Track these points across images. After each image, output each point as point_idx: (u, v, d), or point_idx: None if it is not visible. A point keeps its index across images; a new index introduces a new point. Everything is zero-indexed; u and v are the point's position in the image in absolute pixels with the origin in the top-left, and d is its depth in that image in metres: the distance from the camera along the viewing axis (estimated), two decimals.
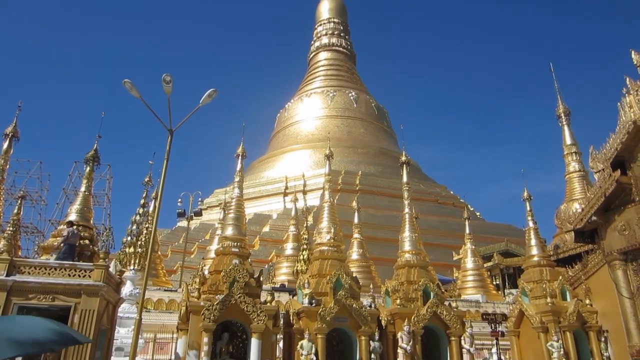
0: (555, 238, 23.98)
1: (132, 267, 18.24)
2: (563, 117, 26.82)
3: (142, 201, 21.91)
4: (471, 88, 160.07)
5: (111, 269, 11.69)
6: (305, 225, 26.27)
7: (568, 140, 26.14)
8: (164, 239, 43.47)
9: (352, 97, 62.61)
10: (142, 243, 19.04)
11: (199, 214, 28.35)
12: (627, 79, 17.19)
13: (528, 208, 18.05)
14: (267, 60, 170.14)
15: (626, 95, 15.62)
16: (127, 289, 16.37)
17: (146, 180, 22.43)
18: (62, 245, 11.13)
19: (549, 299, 15.48)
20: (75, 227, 11.48)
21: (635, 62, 17.75)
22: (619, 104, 15.52)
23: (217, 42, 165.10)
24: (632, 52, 17.90)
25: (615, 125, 15.80)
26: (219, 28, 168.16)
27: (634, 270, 14.98)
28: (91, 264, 10.70)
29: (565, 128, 26.57)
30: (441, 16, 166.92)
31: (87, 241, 11.78)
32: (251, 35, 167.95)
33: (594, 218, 16.01)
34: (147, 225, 20.21)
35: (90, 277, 10.33)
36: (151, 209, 21.94)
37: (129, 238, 19.69)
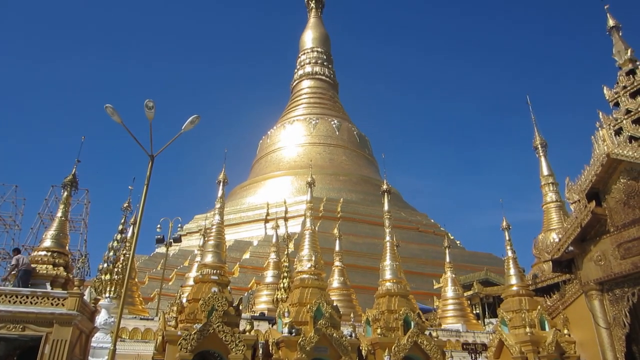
0: (534, 267, 24.20)
1: (107, 295, 17.79)
2: (540, 148, 27.45)
3: (120, 227, 21.52)
4: (451, 118, 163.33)
5: (86, 297, 11.40)
6: (286, 252, 26.07)
7: (545, 171, 26.70)
8: (142, 265, 42.57)
9: (334, 125, 63.23)
10: (119, 270, 18.62)
11: (178, 240, 27.91)
12: (600, 114, 17.83)
13: (507, 237, 18.26)
14: (250, 87, 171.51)
15: (599, 129, 16.13)
16: (101, 318, 15.91)
17: (125, 205, 22.09)
18: (12, 274, 10.75)
19: (528, 329, 15.53)
20: (21, 254, 11.16)
21: (607, 97, 18.45)
22: (592, 137, 15.99)
23: (200, 69, 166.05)
24: (604, 87, 18.62)
25: (590, 157, 16.27)
26: (201, 55, 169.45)
27: (610, 301, 15.18)
28: (65, 291, 10.43)
29: (542, 159, 27.17)
30: (422, 49, 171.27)
31: (61, 268, 11.49)
32: (234, 63, 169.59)
33: (570, 248, 16.26)
34: (124, 252, 19.81)
35: (63, 305, 10.05)
36: (129, 234, 21.55)
37: (105, 265, 19.24)
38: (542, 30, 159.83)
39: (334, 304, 14.60)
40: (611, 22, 20.13)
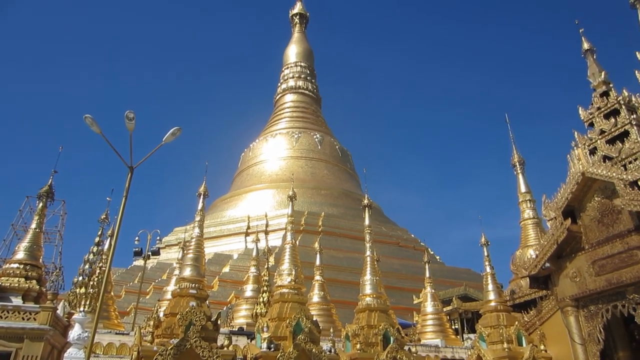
0: (512, 283, 24.47)
1: (82, 309, 17.36)
2: (518, 165, 27.97)
3: (96, 239, 21.10)
4: (431, 135, 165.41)
5: (59, 311, 11.12)
6: (266, 266, 25.88)
7: (522, 188, 27.17)
8: (118, 278, 41.77)
9: (316, 139, 63.47)
10: (95, 283, 18.23)
11: (156, 253, 27.49)
12: (576, 133, 18.32)
13: (485, 253, 18.47)
14: (232, 99, 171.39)
15: (575, 148, 16.53)
16: (75, 333, 15.51)
17: (102, 217, 21.69)
18: None
19: (505, 345, 15.65)
20: None
21: (582, 118, 18.97)
22: (568, 156, 16.37)
23: (182, 81, 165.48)
24: (580, 108, 19.15)
25: (566, 175, 16.63)
26: (184, 67, 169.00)
27: (585, 317, 15.41)
28: (37, 305, 10.16)
29: (520, 176, 27.67)
30: (404, 67, 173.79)
31: (34, 281, 11.21)
32: (216, 75, 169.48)
33: (547, 265, 16.50)
34: (100, 265, 19.42)
35: (35, 320, 9.79)
36: (106, 247, 21.15)
37: (80, 278, 18.81)
38: (521, 50, 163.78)
39: (314, 319, 14.51)
40: (586, 45, 20.79)
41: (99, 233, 21.35)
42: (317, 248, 31.77)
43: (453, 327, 34.89)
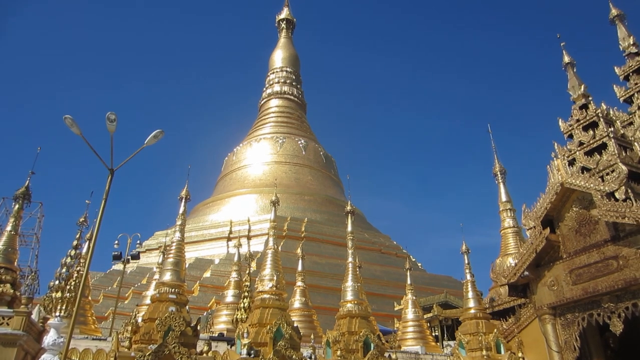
0: (491, 291, 24.73)
1: (58, 314, 16.98)
2: (499, 175, 28.36)
3: (74, 242, 20.71)
4: (415, 143, 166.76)
5: (34, 316, 10.89)
6: (247, 271, 25.69)
7: (503, 197, 27.53)
8: (97, 282, 41.07)
9: (301, 145, 63.47)
10: (72, 287, 17.88)
11: (136, 257, 27.13)
12: (555, 145, 18.67)
13: (466, 261, 18.67)
14: (216, 103, 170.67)
15: (554, 159, 16.85)
16: (50, 338, 15.12)
17: (81, 220, 21.30)
18: None
19: (484, 352, 15.81)
20: None
21: (562, 130, 19.35)
22: (548, 166, 16.66)
23: (165, 84, 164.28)
24: (560, 120, 19.53)
25: (546, 185, 16.93)
26: (167, 70, 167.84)
27: (562, 325, 15.66)
28: (11, 310, 9.94)
29: (501, 186, 28.04)
30: (386, 77, 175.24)
31: (8, 285, 10.97)
32: (200, 78, 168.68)
33: (526, 273, 16.75)
34: (78, 268, 19.06)
35: (8, 325, 9.59)
36: (84, 250, 20.78)
37: (56, 282, 18.42)
38: (505, 61, 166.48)
39: (295, 325, 14.46)
40: (566, 59, 21.23)
41: (77, 236, 20.96)
42: (300, 254, 31.68)
43: (433, 334, 35.06)
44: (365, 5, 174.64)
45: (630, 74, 21.24)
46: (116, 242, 24.62)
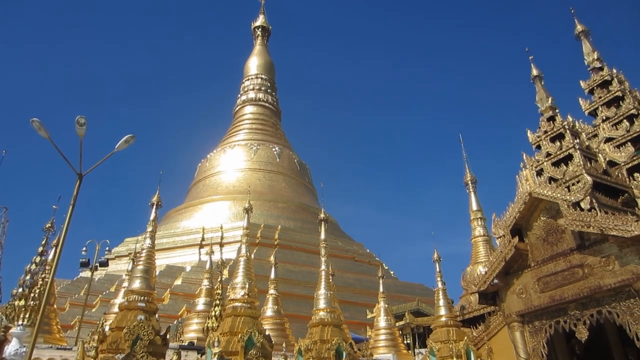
0: (462, 299, 25.09)
1: (20, 322, 16.41)
2: (470, 184, 28.93)
3: (40, 249, 20.07)
4: (388, 152, 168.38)
5: None
6: (219, 279, 25.37)
7: (474, 206, 28.07)
8: (63, 290, 39.87)
9: (275, 152, 63.34)
10: (36, 295, 17.30)
11: (105, 264, 26.44)
12: (524, 155, 19.16)
13: (437, 269, 18.88)
14: (188, 109, 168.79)
15: (523, 169, 17.28)
16: (12, 348, 14.61)
17: (48, 226, 20.67)
18: None
19: (455, 359, 15.97)
20: None
21: (530, 141, 19.87)
22: (517, 176, 17.07)
23: (137, 89, 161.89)
24: (528, 131, 20.07)
25: (515, 195, 17.33)
26: (139, 74, 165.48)
27: (530, 332, 15.98)
28: None
29: (472, 195, 28.59)
30: (360, 85, 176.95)
31: None
32: (172, 83, 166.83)
33: (495, 281, 17.05)
34: (43, 276, 18.47)
35: None
36: (50, 257, 20.15)
37: (20, 289, 17.79)
38: (475, 73, 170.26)
39: (267, 334, 14.35)
40: (535, 72, 21.87)
41: (43, 242, 20.32)
42: (273, 261, 31.49)
43: (405, 341, 35.25)
44: (340, 15, 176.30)
45: (595, 87, 22.03)
46: (84, 248, 23.97)
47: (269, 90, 72.24)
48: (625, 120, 19.61)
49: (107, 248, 25.92)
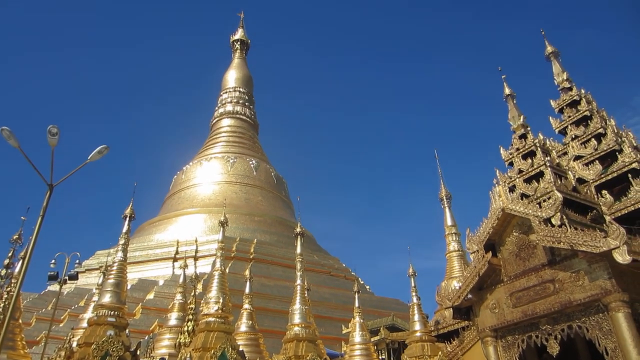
0: (437, 314, 25.22)
1: None
2: (445, 200, 29.30)
3: (6, 261, 19.45)
4: (364, 167, 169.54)
5: None
6: (193, 293, 24.91)
7: (449, 221, 28.41)
8: (29, 304, 38.53)
9: (252, 165, 63.07)
10: (0, 309, 16.69)
11: (74, 277, 25.64)
12: (497, 172, 19.55)
13: (412, 284, 19.01)
14: (164, 121, 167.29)
15: (496, 185, 17.61)
16: None
17: (15, 237, 20.08)
18: None
19: None
20: None
21: (503, 157, 20.30)
22: (490, 192, 17.38)
23: (112, 98, 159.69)
24: (501, 148, 20.51)
25: (488, 210, 17.62)
26: (115, 85, 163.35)
27: (503, 347, 16.13)
28: None
29: (447, 210, 28.95)
30: (338, 98, 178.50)
31: None
32: (149, 95, 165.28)
33: (469, 296, 17.21)
34: (9, 289, 17.85)
35: None
36: (17, 269, 19.50)
37: None
38: (450, 90, 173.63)
39: (240, 349, 14.16)
40: (507, 91, 22.45)
41: (10, 254, 19.71)
42: (248, 275, 31.15)
43: (380, 357, 35.13)
44: (310, 30, 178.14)
45: (564, 107, 22.70)
46: (53, 261, 23.24)
47: (246, 104, 72.20)
48: (593, 139, 20.22)
49: (77, 261, 25.19)
